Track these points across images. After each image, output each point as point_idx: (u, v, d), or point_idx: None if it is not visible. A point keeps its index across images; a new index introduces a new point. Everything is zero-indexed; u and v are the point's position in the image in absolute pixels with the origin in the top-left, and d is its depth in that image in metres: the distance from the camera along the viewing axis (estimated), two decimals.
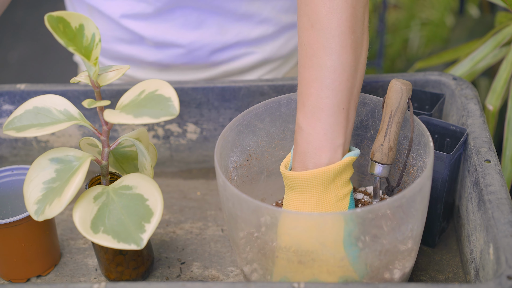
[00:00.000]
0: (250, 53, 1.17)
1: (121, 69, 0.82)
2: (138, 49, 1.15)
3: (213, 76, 1.18)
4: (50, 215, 0.76)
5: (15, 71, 2.72)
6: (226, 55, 1.15)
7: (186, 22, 1.11)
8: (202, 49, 1.14)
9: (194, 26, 1.11)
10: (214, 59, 1.15)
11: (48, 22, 0.75)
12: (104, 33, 1.15)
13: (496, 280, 0.71)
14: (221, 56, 1.15)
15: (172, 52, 1.14)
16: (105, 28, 1.15)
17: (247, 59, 1.17)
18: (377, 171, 0.83)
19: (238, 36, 1.14)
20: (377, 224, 0.74)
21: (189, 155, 1.09)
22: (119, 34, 1.15)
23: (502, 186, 0.80)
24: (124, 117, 0.74)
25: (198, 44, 1.13)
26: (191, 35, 1.12)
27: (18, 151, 1.10)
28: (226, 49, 1.15)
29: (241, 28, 1.13)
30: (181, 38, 1.12)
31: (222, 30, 1.12)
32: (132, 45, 1.15)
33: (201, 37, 1.12)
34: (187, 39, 1.12)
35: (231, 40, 1.14)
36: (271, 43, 1.17)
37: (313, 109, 0.79)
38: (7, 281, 0.91)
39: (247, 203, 0.75)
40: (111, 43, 1.16)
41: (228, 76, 1.19)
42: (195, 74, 1.18)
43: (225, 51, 1.15)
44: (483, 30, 1.62)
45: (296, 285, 0.71)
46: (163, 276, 0.91)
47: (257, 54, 1.17)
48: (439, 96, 0.97)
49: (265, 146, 0.90)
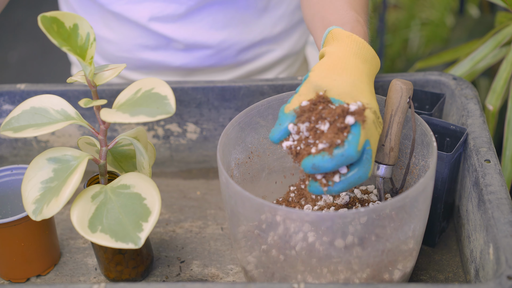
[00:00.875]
0: (271, 50, 1.20)
1: (117, 68, 0.82)
2: (164, 54, 1.16)
3: (237, 77, 1.20)
4: (48, 215, 0.76)
5: (15, 71, 2.72)
6: (251, 53, 1.18)
7: (214, 22, 1.13)
8: (230, 49, 1.16)
9: (222, 25, 1.13)
10: (240, 59, 1.18)
11: (42, 23, 0.75)
12: (127, 41, 1.15)
13: (496, 280, 0.70)
14: (247, 55, 1.18)
15: (200, 54, 1.15)
16: (128, 36, 1.15)
17: (268, 57, 1.20)
18: (379, 172, 0.83)
19: (263, 33, 1.17)
20: (380, 224, 0.74)
21: (189, 155, 1.09)
22: (144, 41, 1.15)
23: (502, 186, 0.80)
24: (120, 116, 0.74)
25: (227, 43, 1.15)
26: (220, 35, 1.14)
27: (18, 151, 1.10)
28: (252, 48, 1.17)
29: (265, 25, 1.16)
30: (211, 39, 1.14)
31: (247, 28, 1.15)
32: (158, 51, 1.16)
33: (229, 36, 1.14)
34: (216, 39, 1.14)
35: (256, 37, 1.17)
36: (288, 39, 1.21)
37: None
38: (6, 281, 0.91)
39: (249, 200, 0.75)
40: (134, 51, 1.16)
41: (250, 76, 1.21)
42: (219, 76, 1.19)
43: (250, 49, 1.18)
44: (483, 30, 1.62)
45: (296, 285, 0.71)
46: (163, 275, 0.90)
47: (277, 51, 1.20)
48: (439, 96, 0.97)
49: (267, 144, 0.90)
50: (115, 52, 1.17)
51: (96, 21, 1.16)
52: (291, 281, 0.79)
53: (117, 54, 1.18)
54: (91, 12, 1.16)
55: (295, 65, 1.27)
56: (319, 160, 0.73)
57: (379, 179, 0.85)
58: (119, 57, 1.18)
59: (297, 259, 0.77)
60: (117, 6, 1.12)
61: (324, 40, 0.85)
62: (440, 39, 2.30)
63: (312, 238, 0.75)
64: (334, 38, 0.82)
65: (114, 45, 1.17)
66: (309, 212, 0.74)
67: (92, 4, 1.15)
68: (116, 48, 1.17)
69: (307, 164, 0.73)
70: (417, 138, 0.83)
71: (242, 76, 1.21)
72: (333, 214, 0.73)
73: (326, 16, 0.89)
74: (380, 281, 0.78)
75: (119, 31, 1.15)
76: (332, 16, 0.88)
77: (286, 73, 1.25)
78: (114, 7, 1.12)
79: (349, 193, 0.89)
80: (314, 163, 0.73)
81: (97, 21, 1.16)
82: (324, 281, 0.77)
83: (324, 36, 0.85)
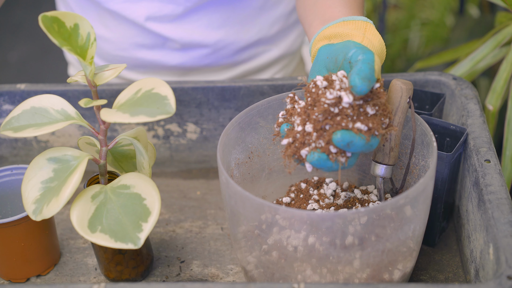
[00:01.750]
0: (268, 50, 1.20)
1: (118, 68, 0.82)
2: (161, 53, 1.16)
3: (233, 76, 1.20)
4: (48, 215, 0.76)
5: (15, 71, 2.72)
6: (248, 53, 1.18)
7: (211, 21, 1.13)
8: (227, 48, 1.16)
9: (218, 25, 1.13)
10: (237, 58, 1.18)
11: (42, 22, 0.75)
12: (123, 40, 1.15)
13: (496, 280, 0.70)
14: (243, 55, 1.18)
15: (197, 53, 1.15)
16: (124, 35, 1.15)
17: (265, 57, 1.20)
18: (380, 172, 0.83)
19: (260, 33, 1.17)
20: (380, 224, 0.74)
21: (189, 155, 1.09)
22: (141, 40, 1.15)
23: (502, 186, 0.80)
24: (120, 116, 0.74)
25: (223, 43, 1.15)
26: (217, 34, 1.14)
27: (18, 151, 1.10)
28: (249, 47, 1.18)
29: (262, 25, 1.16)
30: (208, 38, 1.14)
31: (244, 27, 1.15)
32: (154, 50, 1.16)
33: (226, 35, 1.14)
34: (213, 38, 1.14)
35: (253, 37, 1.16)
36: (285, 39, 1.21)
37: None
38: (6, 281, 0.91)
39: (249, 200, 0.75)
40: (130, 50, 1.16)
41: (246, 75, 1.21)
42: (216, 76, 1.19)
43: (247, 49, 1.18)
44: (483, 30, 1.62)
45: (296, 285, 0.71)
46: (163, 275, 0.90)
47: (274, 51, 1.20)
48: (439, 96, 0.97)
49: (267, 144, 0.90)
50: (111, 51, 1.17)
51: (92, 19, 1.16)
52: (291, 281, 0.79)
53: (113, 53, 1.17)
54: (87, 10, 1.16)
55: (291, 65, 1.27)
56: (358, 139, 0.72)
57: (379, 179, 0.85)
58: (115, 56, 1.17)
59: (297, 259, 0.77)
60: (114, 4, 1.12)
61: (331, 25, 0.85)
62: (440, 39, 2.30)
63: (312, 238, 0.75)
64: (349, 25, 0.83)
65: (111, 44, 1.17)
66: (309, 212, 0.74)
67: (89, 3, 1.15)
68: (113, 46, 1.17)
69: (345, 135, 0.71)
70: (417, 138, 0.83)
71: (238, 76, 1.21)
72: (333, 214, 0.73)
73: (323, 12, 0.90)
74: (380, 281, 0.78)
75: (116, 30, 1.15)
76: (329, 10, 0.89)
77: (283, 73, 1.25)
78: (111, 6, 1.12)
79: (349, 193, 0.89)
80: (353, 140, 0.72)
81: (94, 19, 1.16)
82: (324, 281, 0.77)
83: (330, 24, 0.85)
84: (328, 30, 0.83)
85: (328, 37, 0.83)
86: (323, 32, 0.84)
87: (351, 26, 0.82)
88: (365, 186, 0.92)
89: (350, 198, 0.88)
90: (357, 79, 0.72)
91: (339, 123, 0.72)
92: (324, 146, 0.72)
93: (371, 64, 0.74)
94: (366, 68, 0.73)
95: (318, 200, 0.88)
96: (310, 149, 0.73)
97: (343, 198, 0.87)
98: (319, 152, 0.72)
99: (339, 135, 0.71)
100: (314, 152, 0.73)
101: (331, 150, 0.72)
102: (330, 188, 0.90)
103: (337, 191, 0.90)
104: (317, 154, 0.72)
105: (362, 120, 0.73)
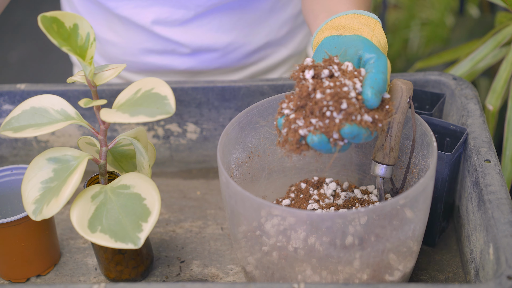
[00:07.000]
0: (276, 51, 1.20)
1: (117, 68, 0.82)
2: (170, 58, 1.16)
3: (242, 78, 1.20)
4: (48, 215, 0.76)
5: (15, 71, 2.72)
6: (257, 55, 1.18)
7: (221, 25, 1.12)
8: (237, 51, 1.16)
9: (228, 28, 1.13)
10: (246, 61, 1.18)
11: (42, 23, 0.75)
12: (132, 45, 1.15)
13: (496, 280, 0.70)
14: (253, 57, 1.18)
15: (207, 57, 1.15)
16: (133, 40, 1.15)
17: (273, 58, 1.21)
18: (380, 172, 0.83)
19: (269, 36, 1.17)
20: (380, 224, 0.74)
21: (189, 155, 1.09)
22: (150, 45, 1.14)
23: (502, 186, 0.80)
24: (120, 116, 0.74)
25: (233, 46, 1.15)
26: (227, 37, 1.14)
27: (18, 151, 1.10)
28: (258, 50, 1.18)
29: (271, 28, 1.16)
30: (218, 41, 1.14)
31: (254, 30, 1.15)
32: (163, 55, 1.15)
33: (236, 38, 1.14)
34: (223, 42, 1.14)
35: (262, 40, 1.17)
36: (293, 40, 1.21)
37: None
38: (6, 281, 0.91)
39: (250, 200, 0.75)
40: (139, 55, 1.16)
41: (255, 76, 1.21)
42: (225, 78, 1.20)
43: (256, 51, 1.18)
44: (483, 30, 1.62)
45: (296, 286, 0.71)
46: (163, 275, 0.90)
47: (282, 51, 1.21)
48: (439, 96, 0.97)
49: (267, 144, 0.90)
50: (119, 56, 1.17)
51: (100, 24, 1.15)
52: (291, 281, 0.79)
53: (121, 58, 1.17)
54: (95, 15, 1.15)
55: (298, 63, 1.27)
56: (363, 132, 0.72)
57: (379, 179, 0.85)
58: (124, 60, 1.17)
59: (297, 259, 0.77)
60: (124, 10, 1.11)
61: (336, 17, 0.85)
62: (440, 39, 2.30)
63: (312, 238, 0.75)
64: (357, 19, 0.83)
65: (119, 49, 1.16)
66: (309, 212, 0.74)
67: (96, 7, 1.14)
68: (121, 51, 1.16)
69: (354, 129, 0.71)
70: (417, 138, 0.83)
71: (246, 77, 1.20)
72: (333, 214, 0.73)
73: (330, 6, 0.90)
74: (380, 281, 0.78)
75: (124, 35, 1.14)
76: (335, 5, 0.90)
77: (289, 73, 1.25)
78: (121, 11, 1.11)
79: (349, 193, 0.89)
80: (359, 133, 0.72)
81: (102, 24, 1.15)
82: (324, 281, 0.77)
83: (336, 15, 0.85)
84: (337, 20, 0.83)
85: (336, 27, 0.83)
86: (332, 22, 0.83)
87: (361, 21, 0.82)
88: (365, 186, 0.92)
89: (350, 198, 0.88)
90: (370, 93, 0.73)
91: (349, 117, 0.72)
92: (328, 131, 0.72)
93: (385, 75, 0.75)
94: (380, 80, 0.74)
95: (318, 200, 0.88)
96: (309, 130, 0.73)
97: (343, 198, 0.87)
98: (319, 134, 0.72)
99: (349, 128, 0.71)
100: (315, 135, 0.72)
101: (334, 136, 0.72)
102: (330, 188, 0.90)
103: (337, 191, 0.90)
104: (317, 137, 0.72)
105: (368, 112, 0.74)
